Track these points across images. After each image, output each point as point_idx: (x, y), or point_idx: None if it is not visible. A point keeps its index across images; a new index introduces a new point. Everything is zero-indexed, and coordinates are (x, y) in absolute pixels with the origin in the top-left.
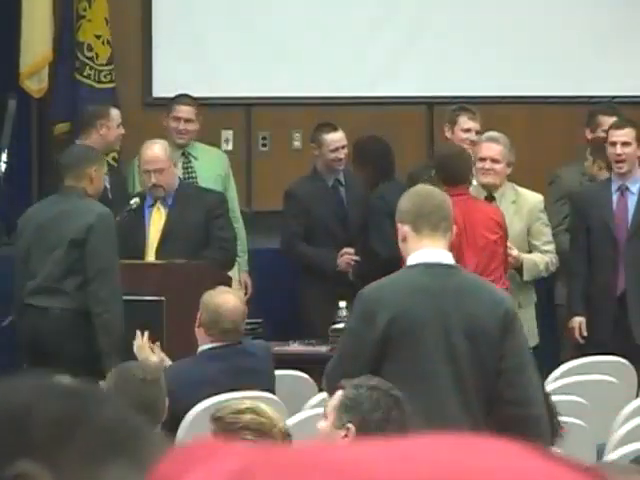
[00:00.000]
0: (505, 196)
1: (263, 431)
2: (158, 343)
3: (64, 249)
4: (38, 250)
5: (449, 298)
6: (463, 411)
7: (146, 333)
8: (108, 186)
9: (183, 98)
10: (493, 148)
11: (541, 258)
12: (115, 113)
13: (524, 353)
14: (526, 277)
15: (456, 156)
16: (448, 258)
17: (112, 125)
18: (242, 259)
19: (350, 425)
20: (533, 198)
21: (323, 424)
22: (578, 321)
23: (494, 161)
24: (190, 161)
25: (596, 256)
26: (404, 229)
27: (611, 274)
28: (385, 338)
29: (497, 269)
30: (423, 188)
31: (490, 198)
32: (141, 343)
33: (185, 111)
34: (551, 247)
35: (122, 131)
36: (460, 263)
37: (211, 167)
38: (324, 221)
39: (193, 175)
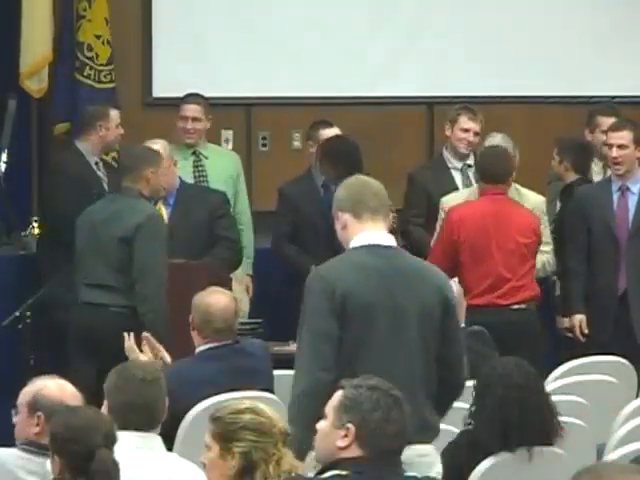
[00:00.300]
0: (510, 195)
1: (263, 431)
2: (145, 342)
3: (114, 248)
4: (91, 248)
5: (397, 279)
6: (409, 389)
7: (132, 334)
8: (106, 187)
9: (191, 97)
10: None
11: (538, 257)
12: (114, 114)
13: (461, 341)
14: None
15: (497, 155)
16: (391, 240)
17: (111, 126)
18: (247, 262)
19: (350, 425)
20: (535, 199)
21: (323, 424)
22: (579, 319)
23: None
24: (201, 160)
25: (597, 256)
26: (344, 217)
27: (612, 274)
28: (339, 314)
29: (526, 275)
30: (358, 178)
31: None
32: (129, 344)
33: (192, 110)
34: (549, 248)
35: (121, 131)
36: (488, 262)
37: (222, 168)
38: (311, 220)
39: (203, 174)
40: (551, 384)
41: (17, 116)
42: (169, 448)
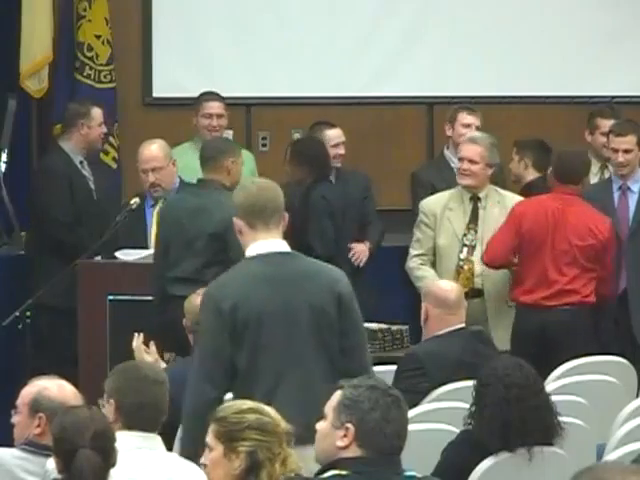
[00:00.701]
0: (489, 197)
1: (267, 430)
2: (152, 343)
3: (203, 242)
4: (177, 242)
5: (288, 284)
6: (306, 389)
7: (141, 335)
8: (92, 187)
9: (211, 95)
10: (471, 149)
11: None
12: (96, 112)
13: (361, 331)
14: None
15: (575, 155)
16: (283, 246)
17: (93, 124)
18: None
19: (349, 425)
20: (516, 199)
21: (322, 424)
22: None
23: (471, 162)
24: None
25: None
26: (239, 223)
27: None
28: (232, 328)
29: (578, 279)
30: (255, 184)
31: (475, 199)
32: (137, 344)
33: (216, 107)
34: None
35: (104, 130)
36: (538, 259)
37: None
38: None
39: None
40: (551, 384)
41: (17, 116)
42: (169, 448)
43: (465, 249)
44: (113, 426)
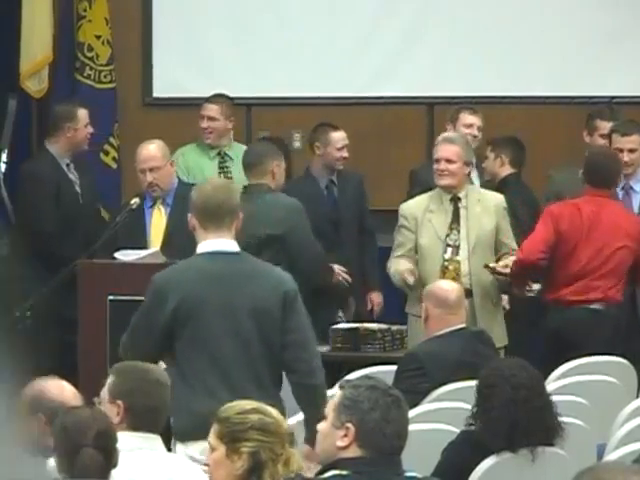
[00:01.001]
0: (470, 196)
1: (270, 431)
2: None
3: (261, 243)
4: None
5: (233, 281)
6: (251, 381)
7: None
8: (79, 190)
9: (213, 97)
10: (448, 149)
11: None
12: (82, 113)
13: (306, 329)
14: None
15: (607, 158)
16: (233, 246)
17: (79, 126)
18: None
19: (349, 425)
20: (495, 196)
21: (323, 424)
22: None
23: (448, 161)
24: (226, 161)
25: None
26: (193, 221)
27: None
28: (173, 318)
29: (607, 277)
30: (210, 184)
31: (455, 199)
32: None
33: (208, 109)
34: (515, 245)
35: (90, 130)
36: (571, 260)
37: None
38: (315, 222)
39: (229, 176)
40: (552, 384)
41: (17, 116)
42: (169, 448)
43: (449, 249)
44: (117, 427)
